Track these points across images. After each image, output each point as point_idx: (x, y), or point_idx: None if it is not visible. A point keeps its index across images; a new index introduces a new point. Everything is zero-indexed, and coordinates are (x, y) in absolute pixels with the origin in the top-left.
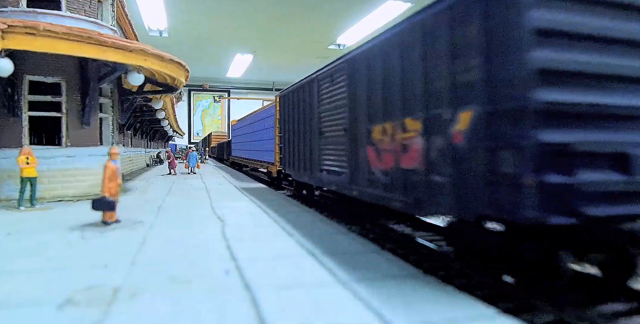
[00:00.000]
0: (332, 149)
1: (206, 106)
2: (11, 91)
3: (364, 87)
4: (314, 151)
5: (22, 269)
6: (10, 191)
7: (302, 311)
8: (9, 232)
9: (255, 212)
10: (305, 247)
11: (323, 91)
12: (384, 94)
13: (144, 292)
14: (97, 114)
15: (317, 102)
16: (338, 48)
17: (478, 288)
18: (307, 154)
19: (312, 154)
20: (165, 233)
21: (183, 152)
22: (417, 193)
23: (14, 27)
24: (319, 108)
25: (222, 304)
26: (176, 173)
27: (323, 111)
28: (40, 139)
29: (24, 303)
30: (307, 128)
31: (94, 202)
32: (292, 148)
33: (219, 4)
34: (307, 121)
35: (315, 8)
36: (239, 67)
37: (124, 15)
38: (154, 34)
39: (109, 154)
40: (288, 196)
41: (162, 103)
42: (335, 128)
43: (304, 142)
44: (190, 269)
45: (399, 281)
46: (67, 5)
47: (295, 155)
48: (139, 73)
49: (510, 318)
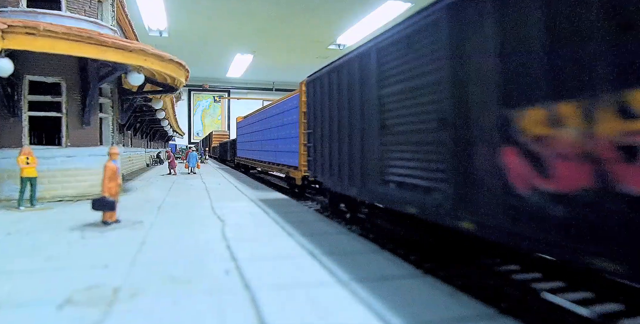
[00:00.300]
0: (408, 151)
1: (206, 106)
2: (11, 90)
3: (494, 42)
4: (369, 153)
5: (22, 269)
6: (10, 191)
7: (302, 311)
8: (9, 232)
9: (254, 212)
10: (305, 247)
11: (388, 65)
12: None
13: (144, 292)
14: (97, 114)
15: (375, 82)
16: (338, 48)
17: (478, 288)
18: (356, 158)
19: (366, 157)
20: (165, 233)
21: (183, 152)
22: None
23: (14, 27)
24: (380, 91)
25: (222, 304)
26: (176, 173)
27: (388, 95)
28: (40, 139)
29: (24, 302)
30: (355, 121)
31: (94, 202)
32: (326, 149)
33: (219, 4)
34: (355, 111)
35: (315, 8)
36: (239, 67)
37: (124, 15)
38: (154, 34)
39: (109, 154)
40: (317, 210)
41: (162, 103)
42: (416, 119)
43: (350, 140)
44: (190, 269)
45: (399, 281)
46: (67, 5)
47: (332, 158)
48: (139, 73)
49: (510, 318)
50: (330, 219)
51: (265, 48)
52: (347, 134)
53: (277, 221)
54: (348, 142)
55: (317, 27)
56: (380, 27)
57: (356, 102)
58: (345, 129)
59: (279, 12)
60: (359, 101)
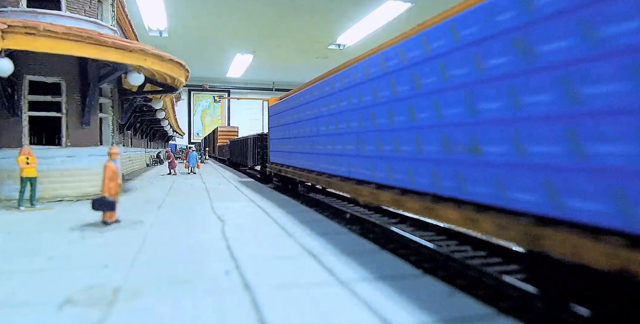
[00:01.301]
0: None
1: (206, 106)
2: (11, 90)
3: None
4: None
5: (22, 269)
6: (10, 191)
7: (302, 311)
8: (9, 232)
9: (254, 212)
10: (306, 247)
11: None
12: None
13: (144, 292)
14: (97, 114)
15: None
16: (338, 48)
17: (478, 288)
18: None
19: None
20: (165, 233)
21: (183, 153)
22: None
23: (14, 27)
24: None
25: (222, 304)
26: (176, 173)
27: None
28: (40, 139)
29: (24, 302)
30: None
31: (94, 202)
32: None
33: (219, 4)
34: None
35: (315, 8)
36: (239, 67)
37: (124, 15)
38: (154, 34)
39: (109, 154)
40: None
41: (162, 103)
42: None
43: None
44: (190, 269)
45: (398, 281)
46: (67, 5)
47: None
48: (139, 73)
49: (510, 318)
50: (330, 219)
51: (265, 48)
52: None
53: (277, 221)
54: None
55: (317, 27)
56: (380, 27)
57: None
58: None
59: (279, 12)
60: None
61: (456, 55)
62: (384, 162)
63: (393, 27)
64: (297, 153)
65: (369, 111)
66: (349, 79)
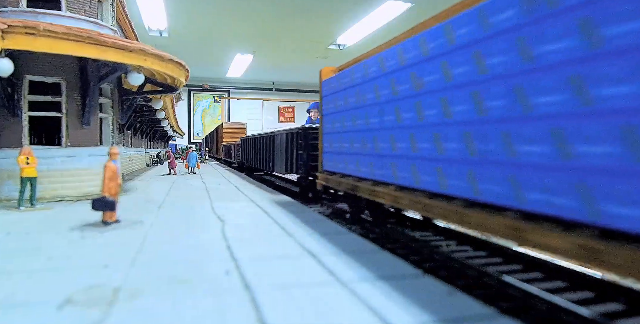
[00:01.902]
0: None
1: (206, 106)
2: (11, 90)
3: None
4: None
5: (22, 269)
6: (10, 191)
7: (302, 311)
8: (9, 232)
9: (254, 212)
10: (305, 247)
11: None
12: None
13: (144, 292)
14: (97, 114)
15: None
16: (338, 48)
17: (478, 288)
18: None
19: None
20: (166, 233)
21: (183, 152)
22: None
23: (14, 27)
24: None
25: (222, 304)
26: (176, 173)
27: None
28: (40, 139)
29: (24, 302)
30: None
31: (94, 202)
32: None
33: (219, 4)
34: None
35: (315, 8)
36: (239, 67)
37: (124, 15)
38: (154, 34)
39: (109, 154)
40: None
41: (162, 103)
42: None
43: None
44: (190, 269)
45: (399, 281)
46: (67, 5)
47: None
48: (139, 73)
49: (510, 318)
50: (330, 219)
51: (265, 48)
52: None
53: (277, 221)
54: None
55: (317, 27)
56: (381, 27)
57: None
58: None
59: (279, 12)
60: None
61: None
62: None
63: (393, 27)
64: (395, 158)
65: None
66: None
